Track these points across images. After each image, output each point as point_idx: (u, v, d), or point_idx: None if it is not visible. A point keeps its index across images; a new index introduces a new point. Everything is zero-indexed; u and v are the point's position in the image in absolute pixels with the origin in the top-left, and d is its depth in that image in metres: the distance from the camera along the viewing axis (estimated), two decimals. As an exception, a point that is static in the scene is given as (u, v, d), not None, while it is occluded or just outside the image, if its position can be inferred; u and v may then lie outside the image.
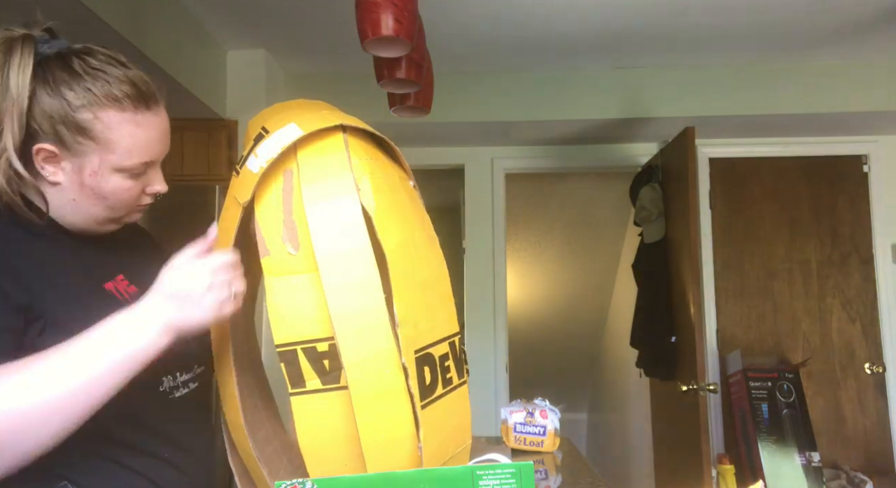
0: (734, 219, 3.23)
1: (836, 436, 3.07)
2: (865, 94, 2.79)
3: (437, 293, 0.79)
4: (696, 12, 2.34)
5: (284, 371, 0.71)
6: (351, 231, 0.71)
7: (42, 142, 0.76)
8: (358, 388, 0.68)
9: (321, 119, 0.76)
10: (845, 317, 3.14)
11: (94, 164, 0.78)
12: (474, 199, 3.35)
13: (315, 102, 0.86)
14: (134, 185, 0.82)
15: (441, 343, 0.77)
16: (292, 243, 0.72)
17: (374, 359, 0.69)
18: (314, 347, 0.71)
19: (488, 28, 2.47)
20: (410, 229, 0.77)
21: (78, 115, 0.76)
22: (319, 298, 0.70)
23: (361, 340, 0.69)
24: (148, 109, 0.80)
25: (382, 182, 0.76)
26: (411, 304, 0.73)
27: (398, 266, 0.72)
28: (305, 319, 0.71)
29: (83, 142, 0.76)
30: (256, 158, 0.74)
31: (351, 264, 0.70)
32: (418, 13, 1.43)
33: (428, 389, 0.73)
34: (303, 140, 0.74)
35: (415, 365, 0.71)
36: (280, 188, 0.74)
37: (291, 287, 0.71)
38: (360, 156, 0.76)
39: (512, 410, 1.68)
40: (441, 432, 0.75)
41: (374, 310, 0.69)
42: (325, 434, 0.71)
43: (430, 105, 1.80)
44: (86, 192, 0.79)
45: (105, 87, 0.77)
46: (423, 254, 0.78)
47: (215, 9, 2.30)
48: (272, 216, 0.73)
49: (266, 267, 0.72)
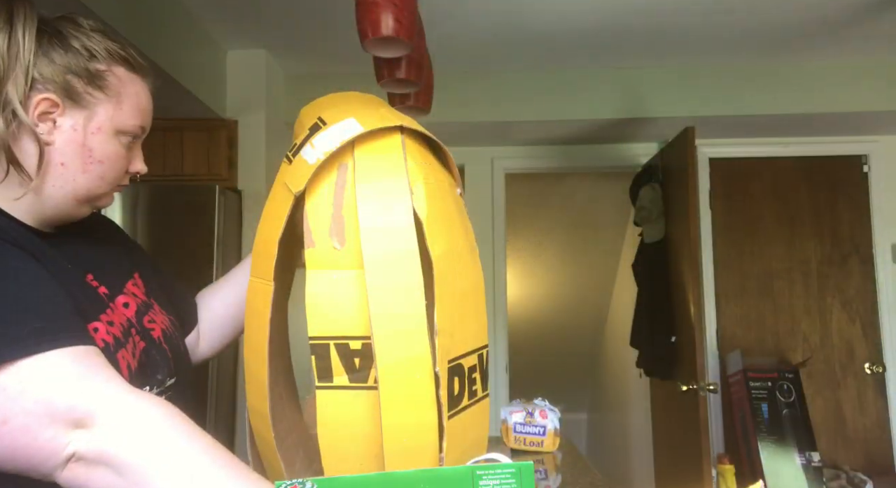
0: (734, 219, 3.23)
1: (836, 436, 3.07)
2: (865, 94, 2.80)
3: (474, 304, 0.79)
4: (695, 12, 2.34)
5: (314, 363, 0.71)
6: (401, 234, 0.70)
7: (44, 93, 0.73)
8: (388, 391, 0.68)
9: (381, 117, 0.76)
10: (845, 317, 3.14)
11: (101, 118, 0.76)
12: (474, 199, 3.35)
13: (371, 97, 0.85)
14: (126, 156, 0.80)
15: (472, 354, 0.77)
16: (339, 238, 0.72)
17: (408, 363, 0.69)
18: (347, 344, 0.71)
19: (488, 28, 2.47)
20: (456, 238, 0.77)
21: (92, 65, 0.75)
22: (360, 296, 0.70)
23: (398, 344, 0.68)
24: (146, 77, 0.82)
25: (435, 188, 0.76)
26: (451, 314, 0.73)
27: (443, 274, 0.72)
28: (343, 315, 0.71)
29: (94, 93, 0.75)
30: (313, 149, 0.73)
31: (397, 267, 0.70)
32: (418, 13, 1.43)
33: (455, 400, 0.73)
34: (361, 137, 0.74)
35: (447, 374, 0.71)
36: (333, 182, 0.73)
37: (332, 281, 0.71)
38: (415, 159, 0.75)
39: (512, 410, 1.68)
40: (462, 443, 0.74)
41: (415, 316, 0.69)
42: (346, 430, 0.71)
43: (430, 105, 1.80)
44: (83, 154, 0.75)
45: (115, 45, 0.78)
46: (465, 263, 0.78)
47: (215, 9, 2.30)
48: (322, 209, 0.73)
49: (309, 258, 0.72)
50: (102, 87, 0.76)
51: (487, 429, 0.82)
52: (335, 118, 0.75)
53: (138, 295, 0.87)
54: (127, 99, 0.78)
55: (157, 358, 0.84)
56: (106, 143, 0.77)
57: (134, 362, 0.78)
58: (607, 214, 4.05)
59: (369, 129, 0.73)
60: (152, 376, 0.82)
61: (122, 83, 0.78)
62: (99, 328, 0.75)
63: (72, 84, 0.74)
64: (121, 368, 0.75)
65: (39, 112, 0.73)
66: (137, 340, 0.81)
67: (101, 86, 0.76)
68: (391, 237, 0.70)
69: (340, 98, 0.82)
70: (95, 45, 0.76)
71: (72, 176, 0.76)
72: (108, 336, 0.76)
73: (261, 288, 0.78)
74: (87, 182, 0.77)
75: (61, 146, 0.74)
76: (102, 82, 0.76)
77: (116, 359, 0.75)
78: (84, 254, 0.82)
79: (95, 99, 0.76)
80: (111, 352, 0.74)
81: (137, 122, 0.80)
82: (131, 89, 0.79)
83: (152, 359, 0.83)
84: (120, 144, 0.79)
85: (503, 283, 3.32)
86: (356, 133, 0.73)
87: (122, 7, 1.84)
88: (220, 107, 2.56)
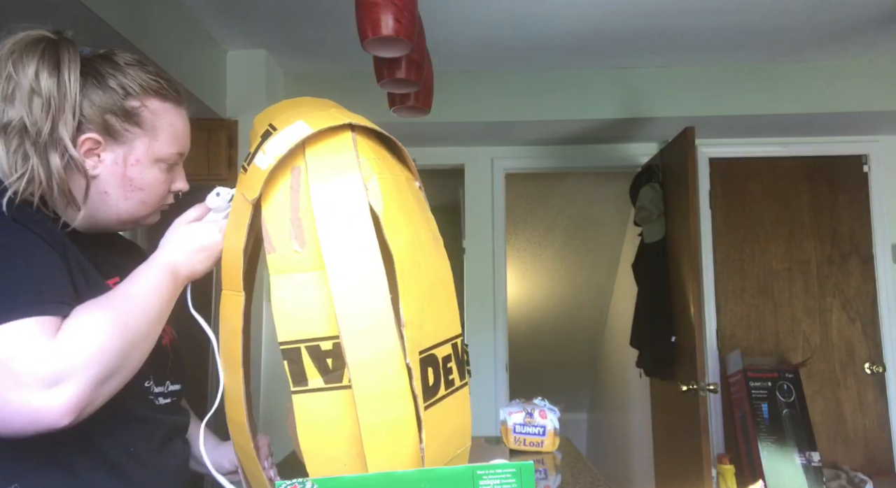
0: (734, 219, 3.23)
1: (836, 436, 3.07)
2: (865, 94, 2.79)
3: (442, 294, 0.79)
4: (695, 12, 2.34)
5: (287, 368, 0.71)
6: (358, 230, 0.71)
7: (88, 133, 0.79)
8: (361, 388, 0.68)
9: (330, 117, 0.76)
10: (845, 317, 3.14)
11: (139, 152, 0.82)
12: (474, 199, 3.35)
13: (322, 101, 0.86)
14: (166, 179, 0.87)
15: (444, 344, 0.77)
16: (299, 241, 0.72)
17: (379, 358, 0.69)
18: (318, 345, 0.70)
19: (488, 28, 2.47)
20: (417, 230, 0.77)
21: (127, 103, 0.81)
22: (325, 297, 0.70)
23: (367, 340, 0.69)
24: (180, 104, 0.87)
25: (390, 182, 0.76)
26: (417, 305, 0.73)
27: (405, 266, 0.72)
28: (310, 317, 0.71)
29: (130, 129, 0.81)
30: (265, 155, 0.74)
31: (358, 263, 0.70)
32: (418, 13, 1.43)
33: (430, 390, 0.73)
34: (311, 138, 0.74)
35: (419, 365, 0.71)
36: (288, 185, 0.74)
37: (297, 284, 0.71)
38: (368, 155, 0.76)
39: (511, 411, 1.68)
40: (443, 433, 0.75)
41: (381, 310, 0.69)
42: (326, 433, 0.71)
43: (430, 105, 1.80)
44: (124, 184, 0.82)
45: (147, 78, 0.83)
46: (429, 254, 0.78)
47: (215, 9, 2.30)
48: (279, 213, 0.73)
49: (271, 264, 0.72)
50: (138, 123, 0.82)
51: (469, 418, 0.82)
52: (285, 123, 0.76)
53: None
54: (162, 130, 0.84)
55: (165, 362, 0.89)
56: (145, 172, 0.84)
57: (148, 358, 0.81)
58: (607, 214, 4.05)
59: (318, 129, 0.74)
60: (164, 378, 0.88)
61: (155, 116, 0.84)
62: None
63: (110, 122, 0.80)
64: None
65: (85, 149, 0.80)
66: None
67: (137, 122, 0.82)
68: (349, 234, 0.71)
69: (290, 104, 0.84)
70: (130, 82, 0.82)
71: (114, 203, 0.83)
72: None
73: (231, 299, 0.80)
74: (129, 207, 0.84)
75: (105, 178, 0.82)
76: (138, 118, 0.82)
77: None
78: (108, 260, 0.87)
79: (132, 134, 0.82)
80: None
81: (174, 150, 0.86)
82: (165, 121, 0.85)
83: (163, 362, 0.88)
84: (159, 171, 0.85)
85: (503, 283, 3.32)
86: (305, 135, 0.74)
87: (122, 7, 1.84)
88: (220, 106, 2.56)
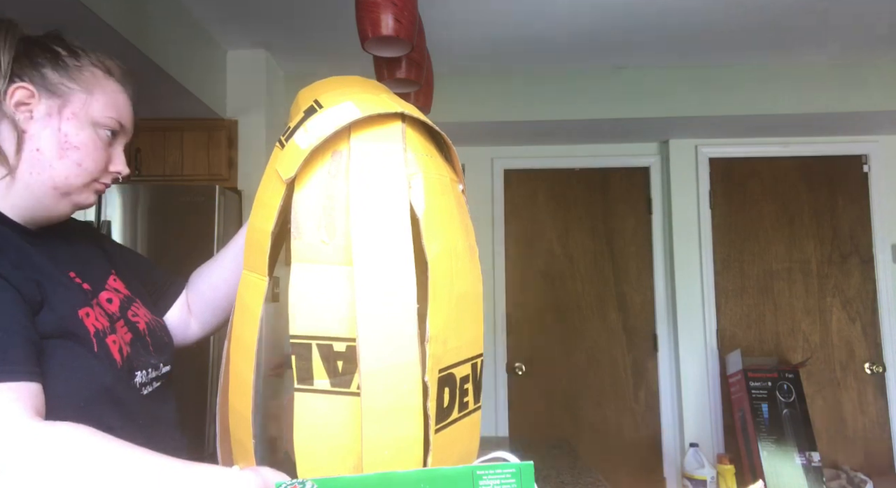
0: (734, 219, 3.23)
1: (836, 436, 3.07)
2: (865, 94, 2.79)
3: (470, 309, 0.73)
4: (694, 12, 2.34)
5: (294, 363, 0.66)
6: (395, 230, 0.65)
7: (21, 82, 0.77)
8: (371, 399, 0.63)
9: (381, 102, 0.71)
10: (845, 317, 3.14)
11: (76, 106, 0.79)
12: (474, 199, 3.35)
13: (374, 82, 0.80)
14: (104, 147, 0.82)
15: (465, 363, 0.71)
16: (328, 230, 0.67)
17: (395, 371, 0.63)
18: (331, 345, 0.65)
19: (488, 28, 2.46)
20: (455, 237, 0.71)
21: (69, 61, 0.80)
22: (347, 295, 0.65)
23: (385, 348, 0.63)
24: (126, 89, 0.85)
25: (435, 182, 0.70)
26: (445, 319, 0.67)
27: (438, 276, 0.66)
28: (328, 314, 0.65)
29: (69, 84, 0.79)
30: (306, 133, 0.68)
31: (390, 265, 0.64)
32: (418, 13, 1.43)
33: (444, 412, 0.67)
34: (358, 122, 0.69)
35: (436, 385, 0.65)
36: (326, 170, 0.68)
37: (318, 276, 0.66)
38: (416, 150, 0.70)
39: None
40: (449, 459, 0.69)
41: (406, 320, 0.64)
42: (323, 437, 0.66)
43: (430, 105, 1.80)
44: (59, 139, 0.77)
45: (96, 55, 0.83)
46: (463, 265, 0.72)
47: (215, 9, 2.30)
48: (312, 198, 0.68)
49: (295, 250, 0.67)
50: (76, 79, 0.80)
51: (477, 444, 0.76)
52: (332, 101, 0.70)
53: (120, 290, 0.89)
54: (101, 93, 0.81)
55: (144, 348, 0.86)
56: (81, 130, 0.79)
57: (126, 348, 0.80)
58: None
59: (367, 115, 0.68)
60: (145, 362, 0.84)
61: (96, 79, 0.81)
62: (90, 313, 0.77)
63: (47, 75, 0.78)
64: (112, 352, 0.77)
65: (16, 101, 0.76)
66: (125, 332, 0.83)
67: (75, 77, 0.79)
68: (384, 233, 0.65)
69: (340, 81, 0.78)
70: (77, 50, 0.81)
71: (48, 162, 0.77)
72: (97, 322, 0.77)
73: (253, 283, 0.74)
74: (65, 169, 0.78)
75: (37, 132, 0.77)
76: (77, 74, 0.80)
77: (107, 343, 0.77)
78: (65, 254, 0.83)
79: (69, 89, 0.79)
80: (102, 337, 0.76)
81: (112, 115, 0.82)
82: (107, 87, 0.82)
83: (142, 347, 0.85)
84: (97, 136, 0.81)
85: (503, 284, 3.32)
86: (353, 118, 0.68)
87: (122, 7, 1.84)
88: (220, 107, 2.55)
